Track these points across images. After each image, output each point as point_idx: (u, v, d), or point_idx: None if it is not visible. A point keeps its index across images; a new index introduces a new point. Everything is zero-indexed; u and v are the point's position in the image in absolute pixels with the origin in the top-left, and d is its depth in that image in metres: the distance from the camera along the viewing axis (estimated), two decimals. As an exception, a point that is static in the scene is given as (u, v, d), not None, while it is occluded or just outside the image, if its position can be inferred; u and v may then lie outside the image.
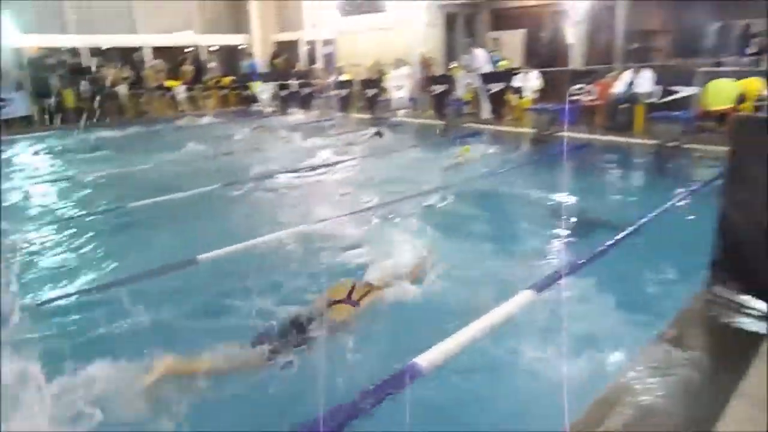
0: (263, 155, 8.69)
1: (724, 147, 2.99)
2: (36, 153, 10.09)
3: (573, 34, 11.48)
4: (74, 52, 14.69)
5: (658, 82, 9.03)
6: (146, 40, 16.05)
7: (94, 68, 14.35)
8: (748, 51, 9.50)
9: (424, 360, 2.58)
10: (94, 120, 13.40)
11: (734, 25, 13.45)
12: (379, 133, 8.54)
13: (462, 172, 6.96)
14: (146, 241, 4.81)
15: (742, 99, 8.16)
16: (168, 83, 15.06)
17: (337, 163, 7.81)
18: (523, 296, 3.28)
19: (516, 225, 4.99)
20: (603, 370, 2.67)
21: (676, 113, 7.97)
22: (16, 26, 13.23)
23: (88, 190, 6.79)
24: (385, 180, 6.75)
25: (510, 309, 3.15)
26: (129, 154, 9.30)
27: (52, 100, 13.09)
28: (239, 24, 18.36)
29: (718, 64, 9.65)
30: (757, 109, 8.00)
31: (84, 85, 13.54)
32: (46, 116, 13.09)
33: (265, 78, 15.25)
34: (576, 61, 11.55)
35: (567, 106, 9.67)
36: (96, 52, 15.05)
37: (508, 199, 5.76)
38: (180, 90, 14.74)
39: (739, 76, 8.50)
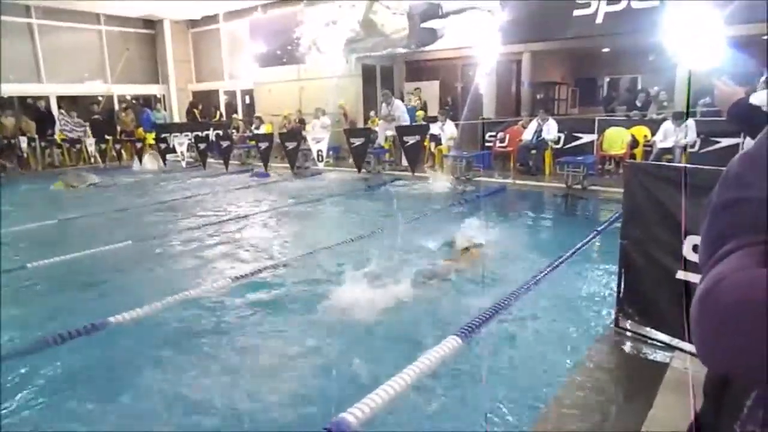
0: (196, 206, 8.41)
1: (622, 188, 3.25)
2: None
3: (484, 85, 12.23)
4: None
5: (561, 130, 9.79)
6: (52, 88, 15.28)
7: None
8: (638, 103, 10.55)
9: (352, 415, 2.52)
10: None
11: (622, 79, 14.98)
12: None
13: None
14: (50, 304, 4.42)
15: (634, 144, 9.02)
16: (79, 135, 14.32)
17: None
18: (449, 343, 3.32)
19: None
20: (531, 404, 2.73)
21: (580, 158, 8.62)
22: None
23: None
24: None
25: (437, 355, 3.16)
26: (30, 210, 8.65)
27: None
28: (155, 74, 17.99)
29: (612, 114, 10.61)
30: (647, 152, 8.86)
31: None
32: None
33: (182, 129, 14.90)
34: (488, 110, 12.26)
35: (482, 153, 10.20)
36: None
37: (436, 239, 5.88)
38: (90, 142, 14.00)
39: (629, 124, 9.42)
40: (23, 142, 13.18)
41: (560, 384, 2.72)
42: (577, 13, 9.64)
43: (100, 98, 16.27)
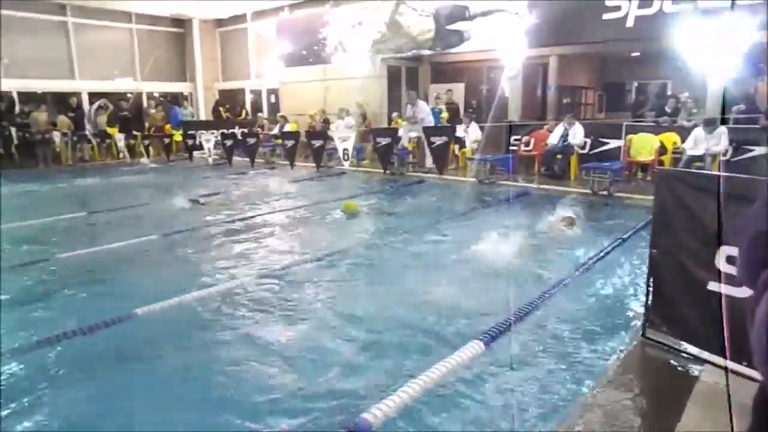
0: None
1: (649, 196, 3.20)
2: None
3: (509, 88, 12.13)
4: (4, 97, 14.16)
5: (588, 135, 9.65)
6: (84, 85, 15.64)
7: (24, 114, 13.78)
8: (667, 109, 10.33)
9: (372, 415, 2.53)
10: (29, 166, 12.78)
11: (652, 84, 14.71)
12: None
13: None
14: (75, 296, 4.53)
15: (663, 150, 8.85)
16: (109, 130, 14.62)
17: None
18: (472, 347, 3.30)
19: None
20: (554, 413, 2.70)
21: (606, 164, 8.48)
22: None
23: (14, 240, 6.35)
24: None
25: (458, 360, 3.15)
26: (62, 203, 8.86)
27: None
28: (183, 72, 18.27)
29: (640, 119, 10.42)
30: (676, 159, 8.68)
31: (12, 131, 12.92)
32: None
33: (208, 126, 15.11)
34: (513, 113, 12.16)
35: (506, 156, 10.12)
36: (33, 97, 14.53)
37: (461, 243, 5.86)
38: (119, 137, 14.31)
39: (658, 130, 9.24)
40: (57, 137, 13.51)
41: (584, 393, 2.69)
42: (607, 16, 9.52)
43: (128, 95, 16.62)
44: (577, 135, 9.45)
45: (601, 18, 9.63)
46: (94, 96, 15.75)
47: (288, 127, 13.84)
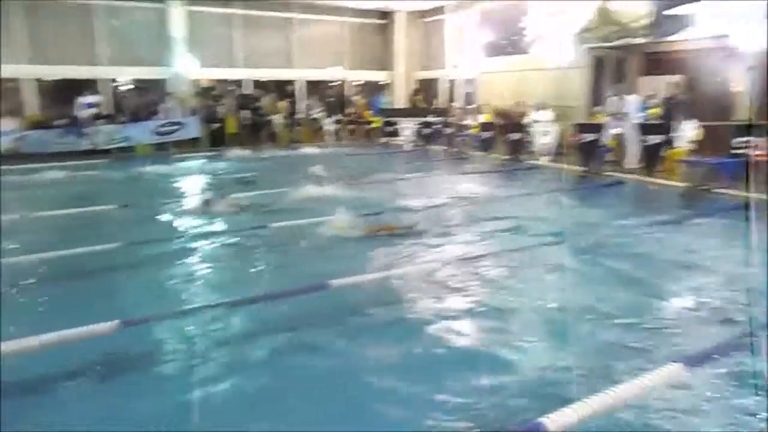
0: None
1: None
2: (198, 172, 11.27)
3: (744, 82, 10.44)
4: (239, 84, 16.63)
5: None
6: (300, 74, 17.59)
7: (256, 99, 16.07)
8: None
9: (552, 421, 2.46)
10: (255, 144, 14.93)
11: None
12: None
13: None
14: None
15: None
16: (318, 115, 16.30)
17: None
18: (671, 370, 3.02)
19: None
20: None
21: None
22: (196, 62, 15.29)
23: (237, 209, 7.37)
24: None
25: (654, 381, 2.91)
26: (284, 177, 9.84)
27: (217, 126, 14.86)
28: (384, 61, 19.37)
29: None
30: None
31: (245, 114, 15.13)
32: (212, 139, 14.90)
33: (404, 114, 15.85)
34: (741, 111, 10.46)
35: (732, 160, 8.74)
36: (257, 84, 16.86)
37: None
38: (327, 122, 15.85)
39: None
40: (277, 120, 15.50)
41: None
42: None
43: (335, 83, 18.22)
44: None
45: None
46: (308, 83, 17.64)
47: (482, 118, 13.82)
